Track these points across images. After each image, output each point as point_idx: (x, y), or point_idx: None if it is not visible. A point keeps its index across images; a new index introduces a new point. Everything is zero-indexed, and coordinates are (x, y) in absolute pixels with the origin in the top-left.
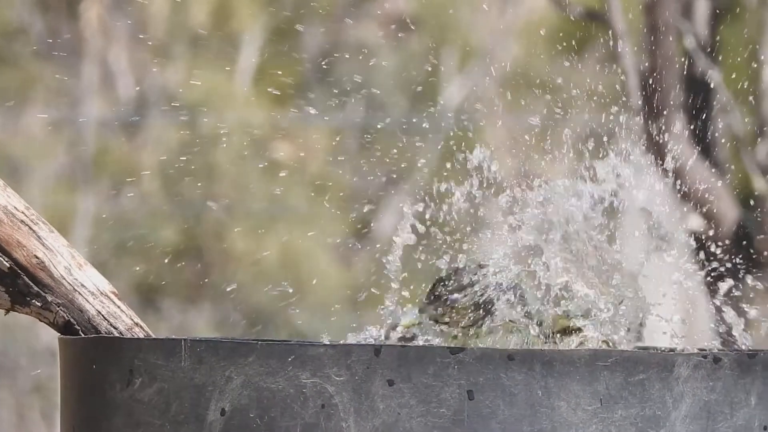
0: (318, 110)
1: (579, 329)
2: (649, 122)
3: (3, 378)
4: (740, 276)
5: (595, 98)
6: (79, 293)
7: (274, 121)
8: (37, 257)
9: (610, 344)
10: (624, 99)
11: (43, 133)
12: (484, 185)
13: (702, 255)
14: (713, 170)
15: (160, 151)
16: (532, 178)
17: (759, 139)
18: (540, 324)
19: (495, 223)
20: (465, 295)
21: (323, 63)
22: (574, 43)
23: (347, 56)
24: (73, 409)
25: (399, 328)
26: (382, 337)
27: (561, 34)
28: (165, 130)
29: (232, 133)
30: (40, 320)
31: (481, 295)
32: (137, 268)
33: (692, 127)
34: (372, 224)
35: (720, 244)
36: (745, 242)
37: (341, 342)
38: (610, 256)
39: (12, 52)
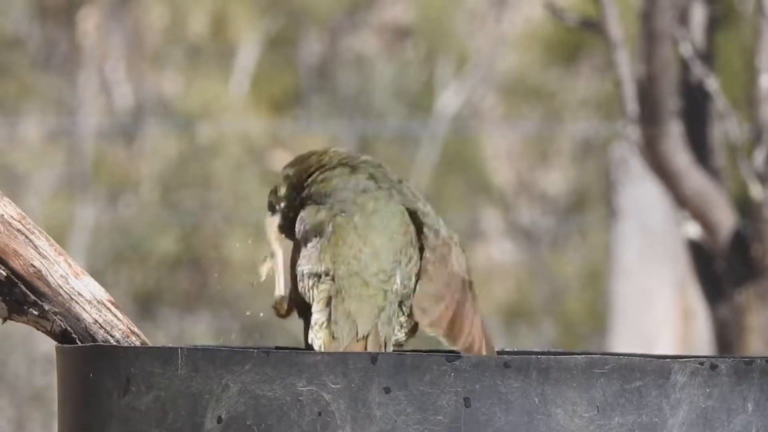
0: (315, 118)
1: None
2: (646, 130)
3: (2, 387)
4: (737, 284)
5: (591, 106)
6: (76, 302)
7: (272, 129)
8: (33, 266)
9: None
10: (620, 107)
11: (40, 143)
12: None
13: (699, 263)
14: (710, 178)
15: (158, 160)
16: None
17: (756, 146)
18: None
19: None
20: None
21: (320, 72)
22: (570, 51)
23: (344, 65)
24: (70, 417)
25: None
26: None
27: (557, 43)
28: (162, 139)
29: (230, 142)
30: (38, 329)
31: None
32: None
33: (688, 134)
34: None
35: (717, 251)
36: (741, 250)
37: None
38: None
39: (9, 62)
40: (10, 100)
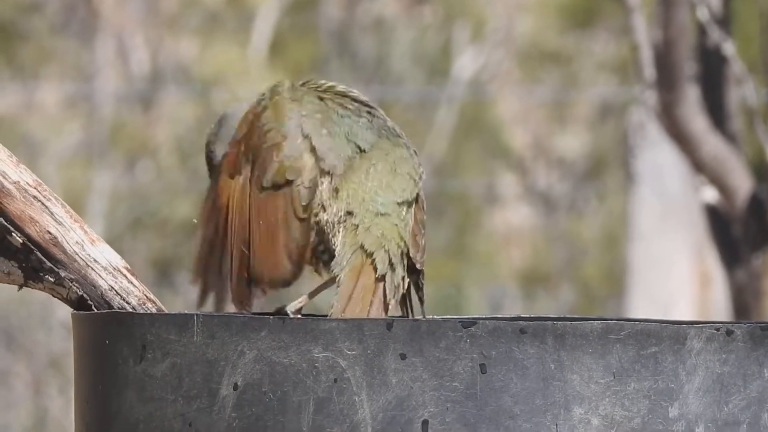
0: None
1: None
2: (663, 94)
3: (20, 354)
4: (754, 248)
5: (608, 71)
6: (92, 269)
7: None
8: (49, 233)
9: None
10: (637, 71)
11: (58, 109)
12: None
13: (716, 227)
14: (727, 142)
15: (175, 125)
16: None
17: None
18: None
19: None
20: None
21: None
22: (587, 15)
23: (363, 30)
24: (86, 384)
25: None
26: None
27: (574, 7)
28: (180, 104)
29: None
30: (54, 296)
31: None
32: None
33: (705, 99)
34: None
35: (734, 216)
36: (759, 215)
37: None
38: None
39: (28, 27)
40: (28, 65)
